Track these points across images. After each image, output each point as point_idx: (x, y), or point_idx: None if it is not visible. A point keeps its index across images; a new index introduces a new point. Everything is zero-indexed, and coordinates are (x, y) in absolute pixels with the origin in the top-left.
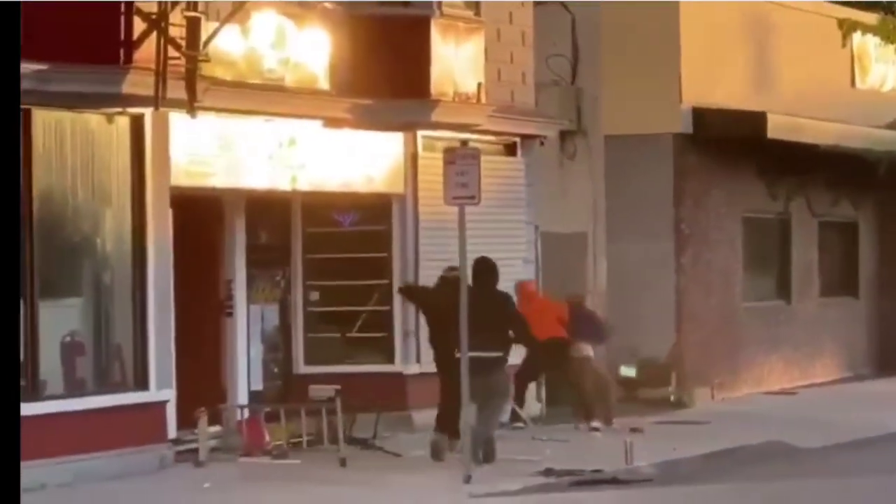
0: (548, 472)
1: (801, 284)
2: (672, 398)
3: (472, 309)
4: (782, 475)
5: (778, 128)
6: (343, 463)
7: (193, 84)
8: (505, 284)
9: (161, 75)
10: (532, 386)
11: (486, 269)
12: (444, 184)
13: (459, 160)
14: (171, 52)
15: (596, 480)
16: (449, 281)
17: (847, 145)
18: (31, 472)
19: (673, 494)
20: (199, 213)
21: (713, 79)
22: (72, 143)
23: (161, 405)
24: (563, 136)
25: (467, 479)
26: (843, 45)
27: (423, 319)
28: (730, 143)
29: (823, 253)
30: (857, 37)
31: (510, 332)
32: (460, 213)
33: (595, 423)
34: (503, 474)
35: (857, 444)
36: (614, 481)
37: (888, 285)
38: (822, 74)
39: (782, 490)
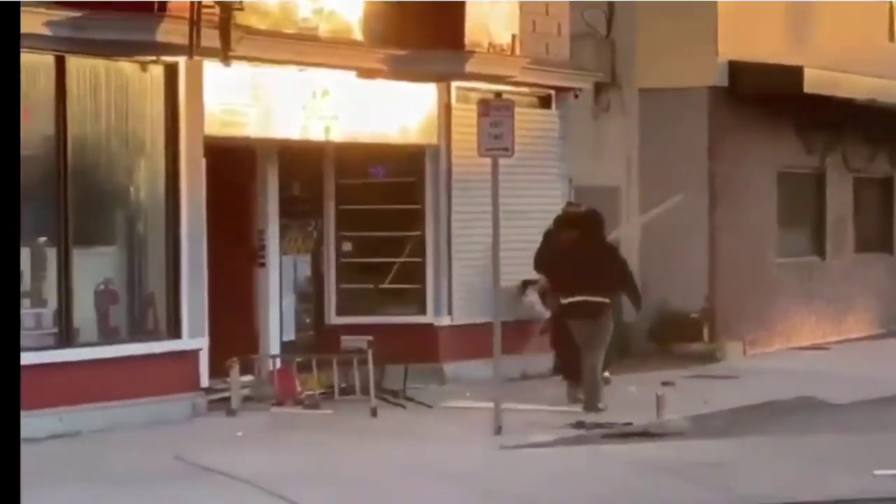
0: (578, 424)
1: (835, 240)
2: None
3: (581, 255)
4: (813, 430)
5: (814, 82)
6: (374, 413)
7: (228, 33)
8: (539, 237)
9: (195, 23)
10: None
11: (595, 219)
12: (478, 135)
13: (493, 112)
14: (205, 0)
15: (627, 433)
16: (571, 218)
17: (884, 100)
18: (67, 418)
19: (704, 447)
20: (231, 163)
21: (750, 32)
22: (106, 91)
23: (194, 354)
24: (598, 89)
25: (498, 431)
26: None
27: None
28: (765, 97)
29: (858, 208)
30: None
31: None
32: (493, 164)
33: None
34: (534, 426)
35: (887, 400)
36: (645, 434)
37: None
38: (860, 29)
39: (813, 444)
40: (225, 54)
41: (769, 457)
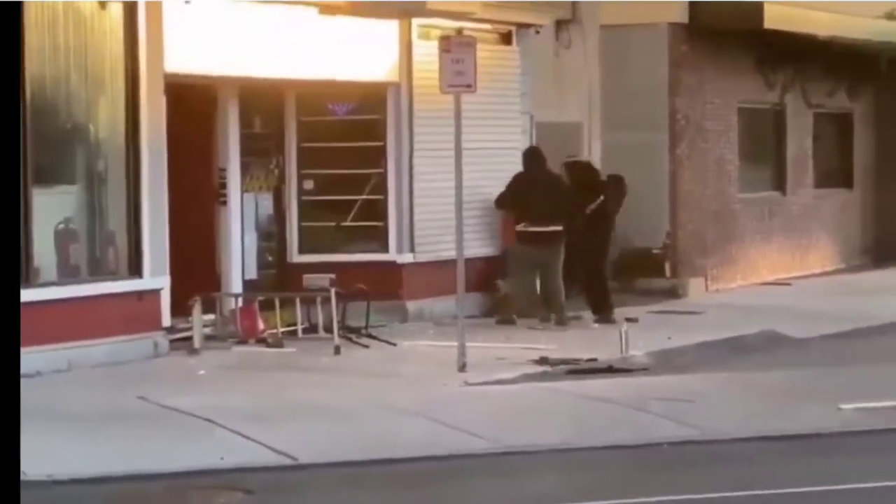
0: (542, 360)
1: (795, 175)
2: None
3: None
4: (777, 364)
5: (775, 18)
6: (337, 351)
7: None
8: (502, 174)
9: None
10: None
11: (537, 155)
12: (441, 72)
13: (455, 48)
14: None
15: (591, 369)
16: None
17: (845, 36)
18: (26, 358)
19: (669, 383)
20: (192, 101)
21: None
22: (64, 30)
23: (155, 293)
24: (559, 25)
25: (462, 368)
26: None
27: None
28: (726, 32)
29: (818, 144)
30: None
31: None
32: (456, 101)
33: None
34: (498, 363)
35: (849, 334)
36: (610, 370)
37: (883, 176)
38: None
39: (777, 379)
40: None
41: (734, 391)
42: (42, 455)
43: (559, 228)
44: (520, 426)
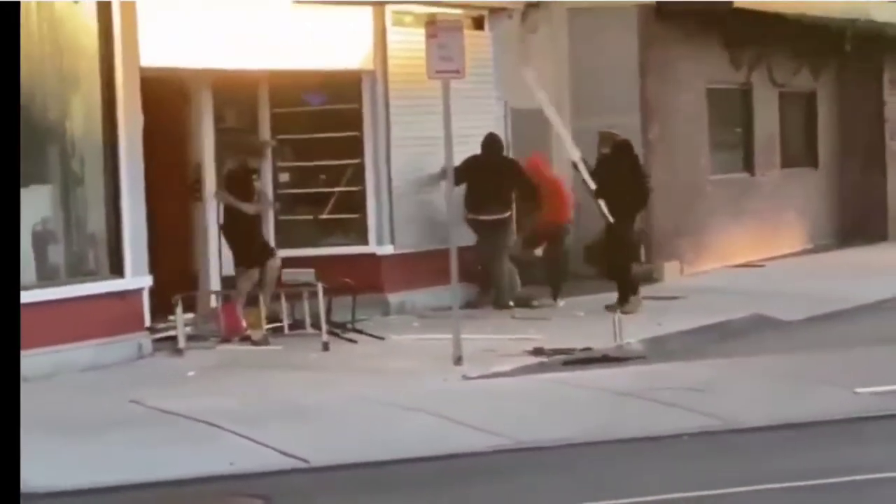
0: (537, 351)
1: (763, 156)
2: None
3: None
4: (773, 349)
5: None
6: (326, 347)
7: None
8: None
9: None
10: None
11: (490, 141)
12: (427, 58)
13: (442, 33)
14: None
15: (587, 359)
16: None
17: (813, 14)
18: None
19: (672, 371)
20: (165, 95)
21: None
22: (39, 29)
23: (138, 293)
24: (525, 9)
25: (458, 361)
26: None
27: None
28: (694, 13)
29: (784, 124)
30: None
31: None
32: (445, 87)
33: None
34: (492, 355)
35: (834, 316)
36: (606, 359)
37: (847, 155)
38: None
39: (782, 364)
40: None
41: (743, 378)
42: (42, 465)
43: (500, 217)
44: (534, 421)
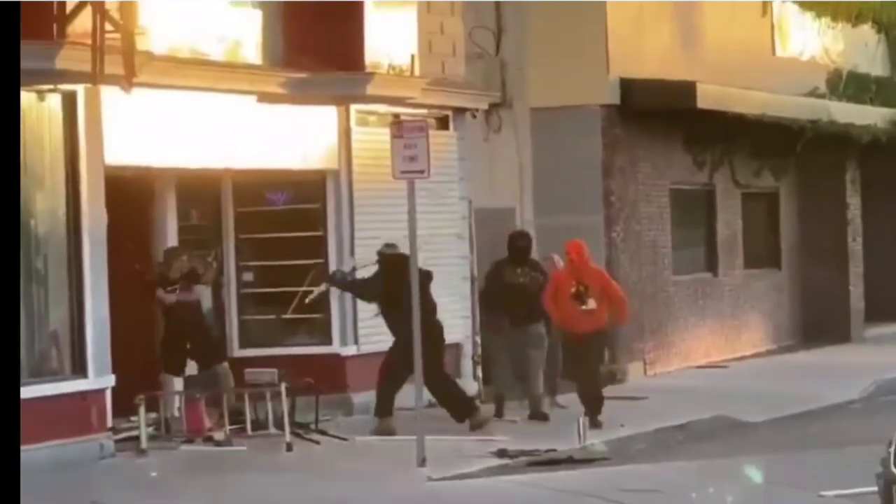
0: (501, 452)
1: (726, 256)
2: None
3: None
4: (738, 451)
5: (707, 97)
6: (290, 448)
7: (132, 58)
8: (441, 261)
9: (99, 50)
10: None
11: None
12: (392, 158)
13: (407, 133)
14: (107, 26)
15: (552, 460)
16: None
17: (774, 114)
18: None
19: (637, 473)
20: (129, 193)
21: (639, 49)
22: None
23: (100, 392)
24: (489, 109)
25: (422, 463)
26: (763, 14)
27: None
28: (657, 113)
29: (747, 224)
30: (776, 4)
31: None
32: (410, 187)
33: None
34: (455, 456)
35: (798, 417)
36: (570, 461)
37: (810, 255)
38: (745, 43)
39: (744, 465)
40: (129, 80)
41: (709, 481)
42: None
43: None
44: None
